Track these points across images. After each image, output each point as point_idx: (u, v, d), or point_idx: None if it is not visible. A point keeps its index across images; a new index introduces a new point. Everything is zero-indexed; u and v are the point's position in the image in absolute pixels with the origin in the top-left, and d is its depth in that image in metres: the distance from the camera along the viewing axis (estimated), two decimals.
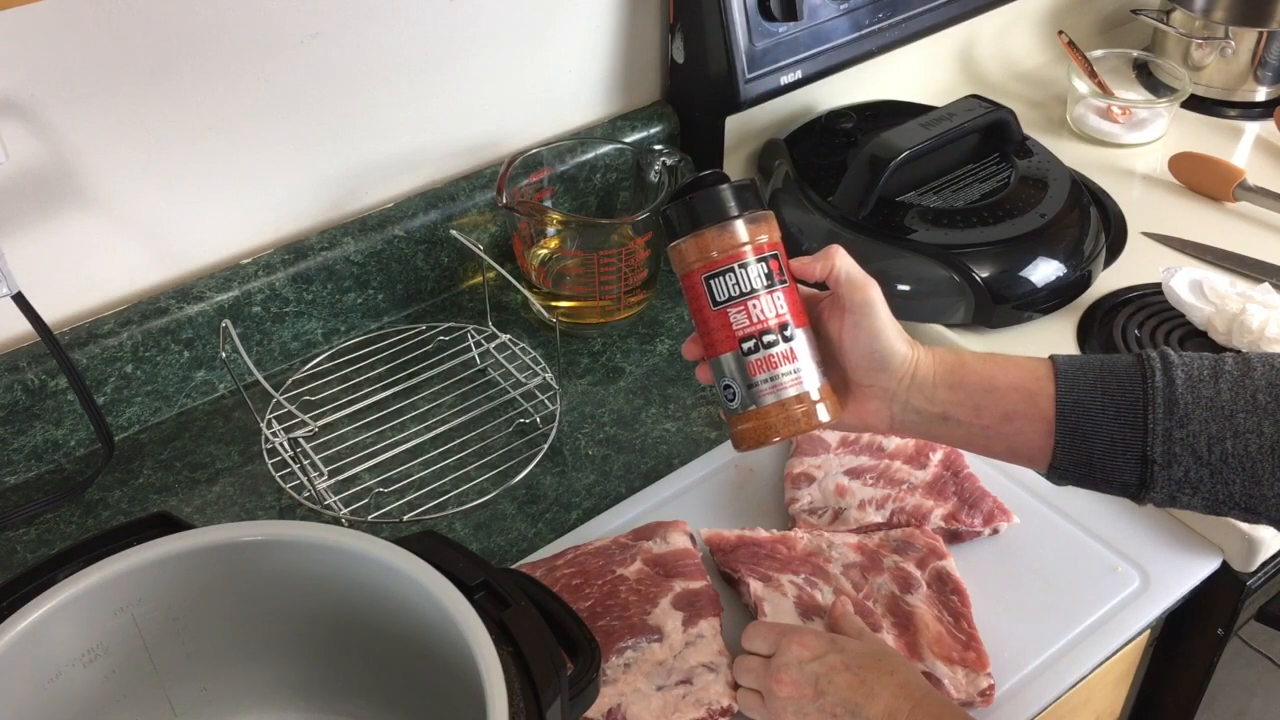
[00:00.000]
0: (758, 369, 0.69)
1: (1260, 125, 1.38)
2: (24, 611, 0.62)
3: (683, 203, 0.70)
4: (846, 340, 0.70)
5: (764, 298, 0.69)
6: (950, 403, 0.69)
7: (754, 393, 0.69)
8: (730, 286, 0.69)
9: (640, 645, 0.79)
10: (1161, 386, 0.64)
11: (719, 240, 0.69)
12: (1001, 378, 0.68)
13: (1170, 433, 0.63)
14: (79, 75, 0.88)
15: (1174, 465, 0.64)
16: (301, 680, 0.73)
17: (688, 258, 0.70)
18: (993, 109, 1.14)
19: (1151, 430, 0.64)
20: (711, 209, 0.69)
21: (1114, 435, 0.65)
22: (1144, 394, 0.64)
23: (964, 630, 0.81)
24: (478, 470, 0.95)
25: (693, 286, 0.71)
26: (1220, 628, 0.95)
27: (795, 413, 0.69)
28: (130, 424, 1.01)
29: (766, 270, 0.69)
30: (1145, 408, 0.64)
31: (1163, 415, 0.64)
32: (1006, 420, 0.68)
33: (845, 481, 0.92)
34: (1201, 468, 0.63)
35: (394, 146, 1.08)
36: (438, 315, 1.12)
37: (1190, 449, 0.63)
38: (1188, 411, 0.63)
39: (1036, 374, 0.67)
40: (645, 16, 1.18)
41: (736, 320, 0.69)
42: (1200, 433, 0.63)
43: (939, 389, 0.69)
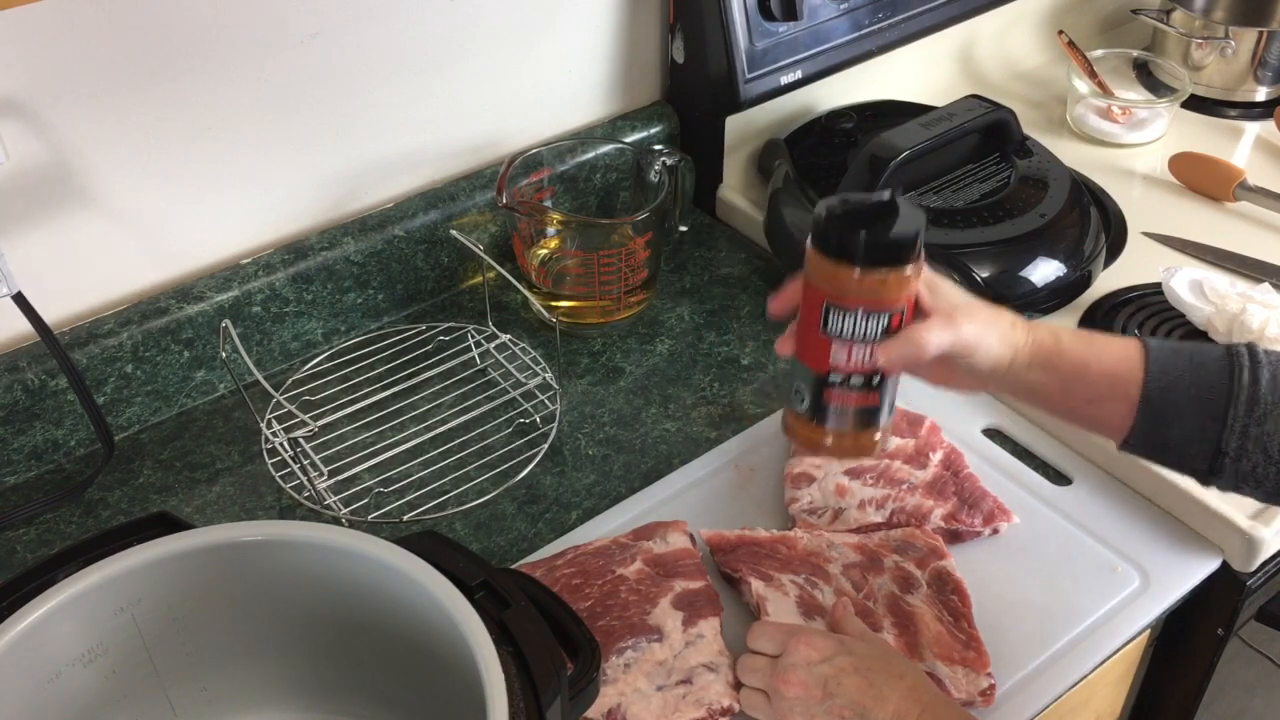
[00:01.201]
0: (833, 399, 0.70)
1: (1260, 125, 1.38)
2: (24, 611, 0.62)
3: (855, 228, 0.65)
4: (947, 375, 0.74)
5: (871, 348, 0.68)
6: (1041, 383, 0.72)
7: (821, 413, 0.71)
8: (847, 326, 0.68)
9: (640, 645, 0.79)
10: (1247, 385, 0.67)
11: (862, 284, 0.66)
12: (1094, 364, 0.71)
13: (1247, 429, 0.66)
14: (79, 75, 0.88)
15: (1244, 459, 0.67)
16: (302, 680, 0.73)
17: (823, 277, 0.67)
18: (993, 109, 1.14)
19: (1230, 426, 0.67)
20: (877, 253, 0.66)
21: (1193, 425, 0.68)
22: (1230, 390, 0.67)
23: (964, 630, 0.81)
24: (478, 470, 0.95)
25: (813, 298, 0.69)
26: (1220, 628, 0.95)
27: (849, 443, 0.71)
28: (130, 424, 1.01)
29: (887, 325, 0.68)
30: (1228, 403, 0.67)
31: (1244, 413, 0.66)
32: (1092, 402, 0.71)
33: (845, 481, 0.92)
34: (1270, 464, 0.66)
35: (394, 146, 1.08)
36: (438, 315, 1.12)
37: (1262, 446, 0.66)
38: (1266, 410, 0.66)
39: (1129, 360, 0.70)
40: (645, 16, 1.18)
41: (836, 355, 0.69)
42: (1275, 432, 0.66)
43: (1033, 370, 0.72)
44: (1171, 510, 0.91)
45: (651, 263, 1.09)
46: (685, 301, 1.14)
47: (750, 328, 1.10)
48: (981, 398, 1.01)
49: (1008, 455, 0.96)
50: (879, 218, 0.66)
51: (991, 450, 0.97)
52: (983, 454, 0.96)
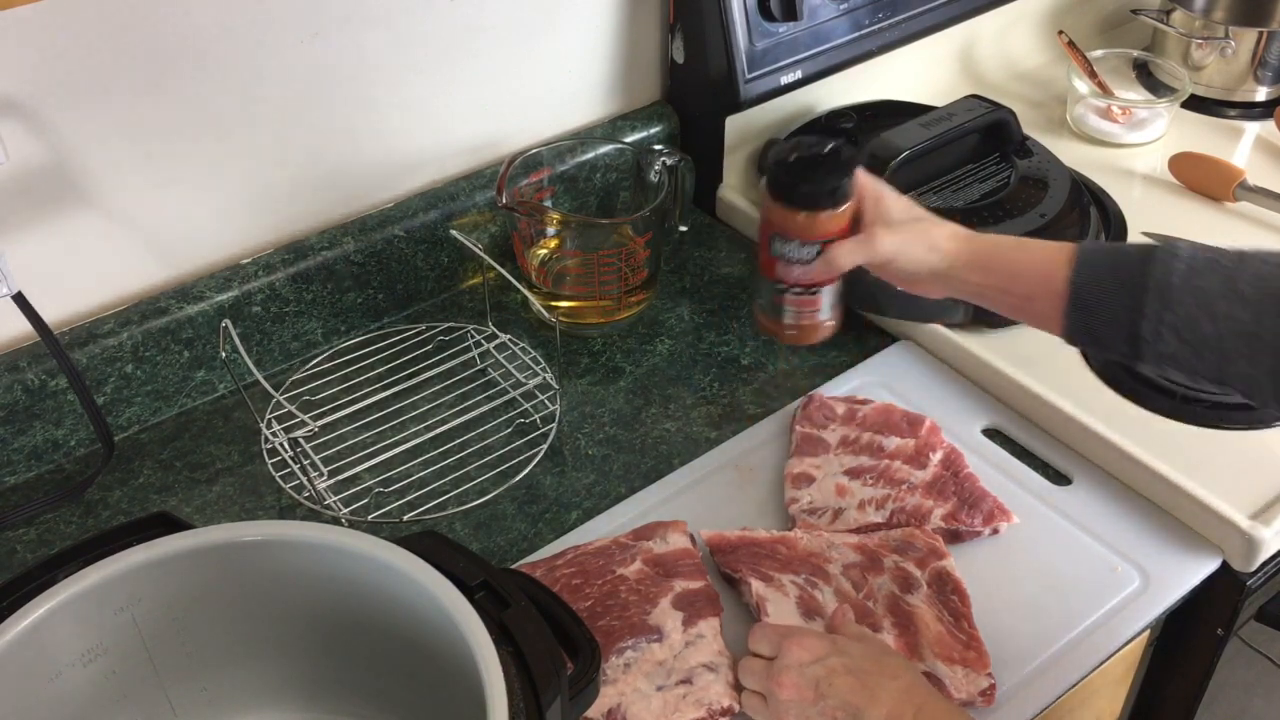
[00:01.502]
0: (785, 302, 0.88)
1: (1260, 125, 1.38)
2: (24, 611, 0.62)
3: (794, 177, 0.83)
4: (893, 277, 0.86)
5: (810, 264, 0.85)
6: (981, 283, 0.82)
7: (777, 311, 0.89)
8: (787, 250, 0.85)
9: (640, 645, 0.79)
10: (1159, 276, 0.73)
11: (798, 221, 0.83)
12: (1027, 263, 0.80)
13: (1160, 315, 0.73)
14: (79, 76, 0.88)
15: (1160, 342, 0.74)
16: (302, 680, 0.73)
17: (770, 212, 0.85)
18: (993, 109, 1.14)
19: (1144, 312, 0.74)
20: (810, 199, 0.83)
21: (1114, 314, 0.75)
22: (1144, 282, 0.74)
23: (964, 630, 0.81)
24: (478, 470, 0.95)
25: (765, 226, 0.86)
26: (1220, 628, 0.95)
27: (802, 333, 0.89)
28: (130, 424, 1.01)
29: (819, 250, 0.84)
30: (1142, 293, 0.74)
31: (1155, 300, 0.73)
32: (1030, 299, 0.79)
33: (845, 481, 0.92)
34: (1183, 347, 0.73)
35: (394, 146, 1.08)
36: (438, 315, 1.12)
37: (1174, 330, 0.73)
38: (1178, 299, 0.73)
39: (1058, 260, 0.78)
40: (645, 16, 1.18)
41: (781, 271, 0.86)
42: (1185, 317, 0.73)
43: (972, 271, 0.81)
44: (1171, 510, 0.91)
45: (651, 263, 1.09)
46: (685, 301, 1.14)
47: (750, 328, 1.10)
48: (981, 397, 1.01)
49: (1008, 455, 0.96)
50: (818, 167, 0.84)
51: (991, 450, 0.97)
52: (983, 454, 0.96)
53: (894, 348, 1.07)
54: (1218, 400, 0.98)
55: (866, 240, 0.84)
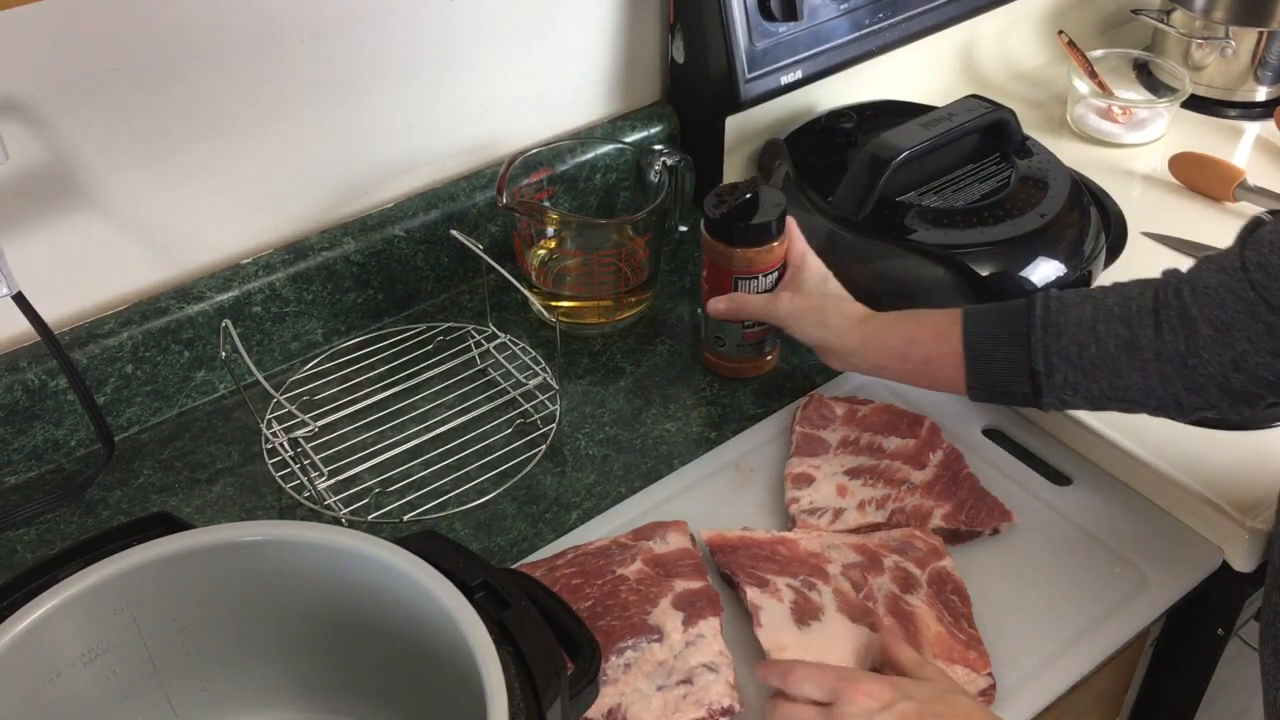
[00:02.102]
0: (750, 337, 1.01)
1: (1260, 125, 1.38)
2: (24, 611, 0.62)
3: (740, 223, 0.96)
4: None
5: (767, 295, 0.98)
6: (882, 360, 0.91)
7: (741, 349, 1.02)
8: (751, 288, 0.98)
9: (640, 645, 0.79)
10: (1040, 314, 0.82)
11: (758, 257, 0.97)
12: (920, 331, 0.88)
13: (1049, 347, 0.81)
14: (79, 75, 0.88)
15: (1054, 373, 0.81)
16: (302, 680, 0.73)
17: (729, 260, 0.98)
18: (993, 109, 1.14)
19: (1034, 347, 0.81)
20: (761, 235, 0.96)
21: (1008, 356, 0.83)
22: (1028, 321, 0.82)
23: (965, 630, 0.81)
24: (478, 470, 0.95)
25: (720, 272, 0.99)
26: (1220, 628, 0.95)
27: (762, 363, 1.04)
28: (130, 424, 1.01)
29: (777, 277, 0.99)
30: (1028, 331, 0.82)
31: (1040, 334, 0.81)
32: (927, 363, 0.88)
33: (845, 481, 0.92)
34: (1075, 371, 0.81)
35: (394, 146, 1.08)
36: (438, 315, 1.12)
37: (1065, 357, 0.81)
38: (1060, 329, 0.81)
39: (948, 321, 0.86)
40: (645, 16, 1.18)
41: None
42: (1071, 343, 0.80)
43: (871, 351, 0.91)
44: (1171, 510, 0.91)
45: (651, 263, 1.09)
46: (685, 301, 1.14)
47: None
48: None
49: (1008, 455, 0.96)
50: (745, 210, 0.96)
51: (991, 450, 0.97)
52: (983, 454, 0.96)
53: None
54: None
55: (770, 300, 0.96)
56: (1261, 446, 0.95)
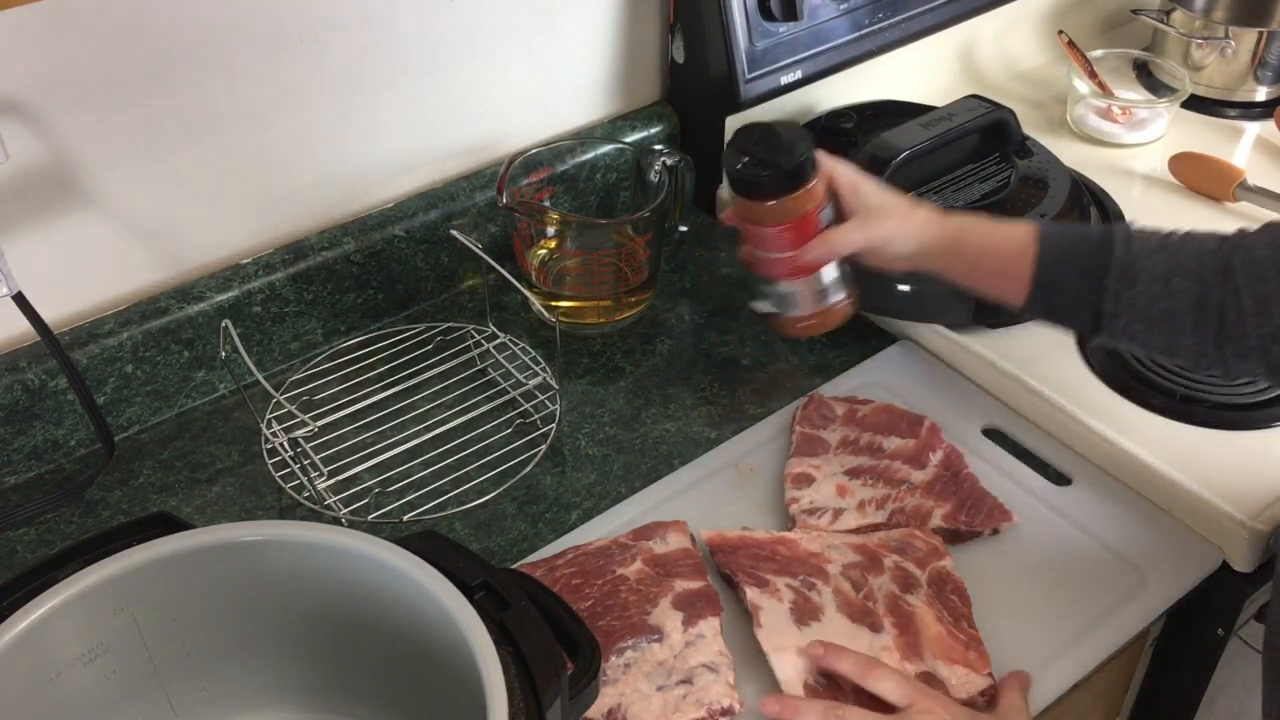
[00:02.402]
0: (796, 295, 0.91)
1: (1260, 125, 1.38)
2: (24, 611, 0.62)
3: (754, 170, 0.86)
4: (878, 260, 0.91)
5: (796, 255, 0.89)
6: (953, 264, 0.88)
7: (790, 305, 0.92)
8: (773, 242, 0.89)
9: (640, 645, 0.79)
10: (1120, 256, 0.79)
11: (807, 196, 0.87)
12: (995, 247, 0.85)
13: (1120, 294, 0.79)
14: (79, 75, 0.88)
15: (1119, 318, 0.80)
16: (301, 680, 0.73)
17: (750, 216, 0.88)
18: (993, 109, 1.14)
19: (1106, 290, 0.80)
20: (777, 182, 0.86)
21: (1077, 293, 0.81)
22: (1105, 262, 0.80)
23: (965, 630, 0.81)
24: (478, 470, 0.95)
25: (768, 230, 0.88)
26: (1220, 628, 0.95)
27: (822, 320, 0.93)
28: (130, 424, 1.01)
29: (833, 213, 0.90)
30: (1104, 274, 0.80)
31: (1115, 278, 0.79)
32: (995, 276, 0.86)
33: (845, 481, 0.92)
34: (1139, 321, 0.79)
35: (394, 147, 1.08)
36: (438, 315, 1.12)
37: (1134, 306, 0.79)
38: (1135, 276, 0.79)
39: (1024, 241, 0.83)
40: (645, 16, 1.18)
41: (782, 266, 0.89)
42: (1143, 293, 0.79)
43: (946, 255, 0.87)
44: (1171, 510, 0.91)
45: (651, 263, 1.09)
46: (685, 301, 1.14)
47: (750, 328, 1.10)
48: (981, 397, 1.01)
49: (1008, 455, 0.96)
50: (772, 152, 0.86)
51: (991, 450, 0.97)
52: (983, 454, 0.96)
53: (894, 348, 1.07)
54: (1218, 400, 0.98)
55: (863, 224, 0.88)
56: (1261, 446, 0.95)
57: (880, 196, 0.90)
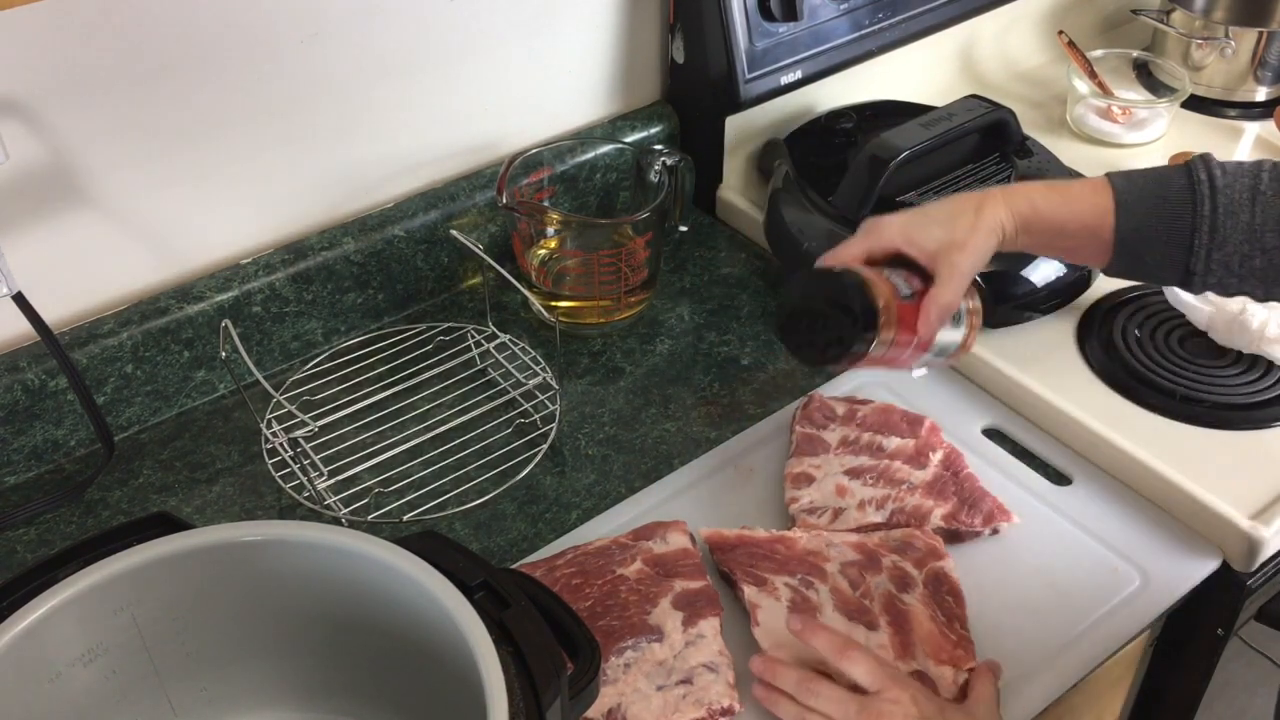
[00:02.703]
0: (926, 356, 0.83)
1: (1260, 125, 1.38)
2: (24, 611, 0.62)
3: (842, 348, 0.79)
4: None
5: (911, 349, 0.81)
6: (1026, 244, 0.81)
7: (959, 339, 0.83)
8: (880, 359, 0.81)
9: (640, 645, 0.79)
10: (1208, 214, 0.75)
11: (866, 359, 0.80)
12: (1070, 220, 0.80)
13: (1210, 253, 0.76)
14: (79, 75, 0.88)
15: (1209, 275, 0.77)
16: (301, 680, 0.73)
17: (880, 345, 0.79)
18: (993, 109, 1.14)
19: (1195, 252, 0.76)
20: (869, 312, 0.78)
21: (1164, 254, 0.77)
22: (1193, 221, 0.76)
23: (956, 631, 0.81)
24: (478, 470, 0.95)
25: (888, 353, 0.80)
26: (1220, 628, 0.95)
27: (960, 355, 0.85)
28: (130, 424, 1.01)
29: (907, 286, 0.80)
30: (1193, 233, 0.76)
31: (1206, 239, 0.75)
32: (1073, 251, 0.82)
33: (845, 481, 0.92)
34: (1230, 277, 0.76)
35: (394, 146, 1.08)
36: (438, 315, 1.12)
37: (1224, 264, 0.76)
38: (1226, 235, 0.75)
39: (1100, 209, 0.78)
40: (645, 16, 1.18)
41: (894, 359, 0.81)
42: (1234, 252, 0.75)
43: (1019, 238, 0.81)
44: (1171, 510, 0.91)
45: (651, 263, 1.09)
46: (685, 301, 1.14)
47: (750, 328, 1.10)
48: (981, 397, 1.01)
49: (1008, 455, 0.96)
50: (831, 326, 0.79)
51: (991, 450, 0.97)
52: (983, 454, 0.96)
53: None
54: (1218, 400, 0.98)
55: (946, 276, 0.79)
56: (1261, 446, 0.95)
57: (931, 231, 0.80)
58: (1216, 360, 1.02)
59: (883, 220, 0.83)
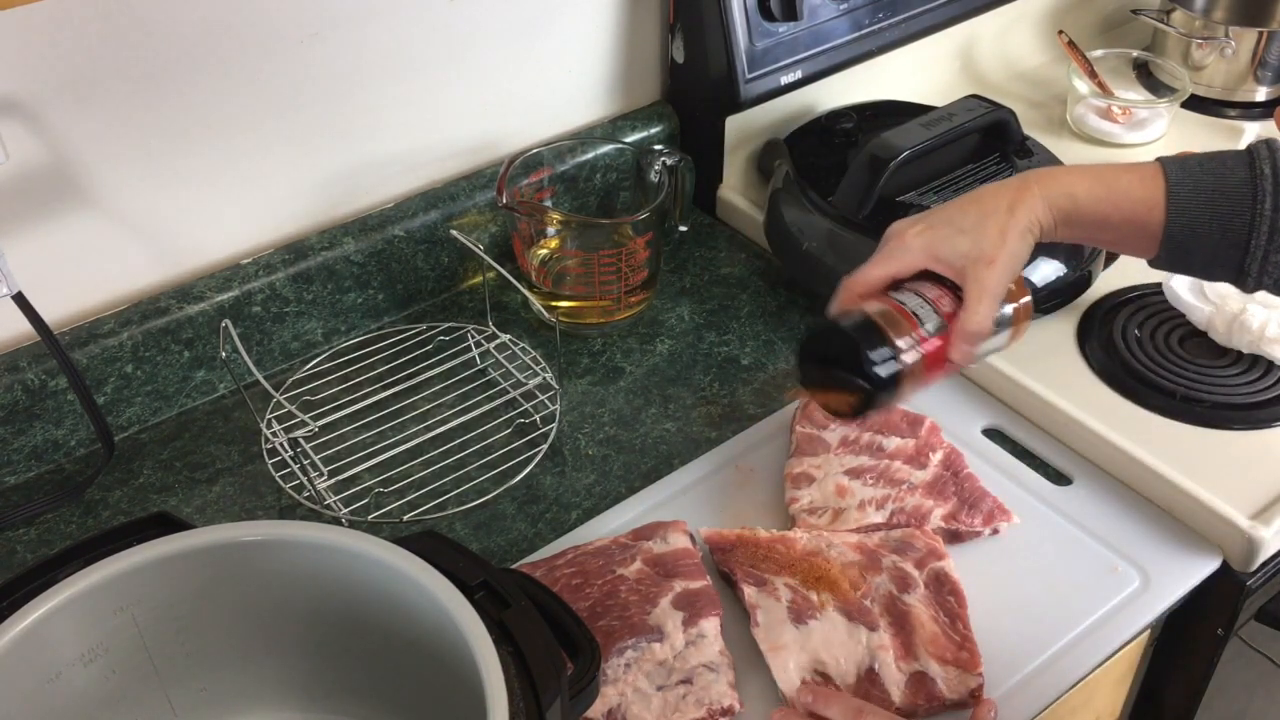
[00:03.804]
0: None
1: (1260, 125, 1.37)
2: (24, 611, 0.62)
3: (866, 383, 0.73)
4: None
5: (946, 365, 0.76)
6: (1066, 237, 0.77)
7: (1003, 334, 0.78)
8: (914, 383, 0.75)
9: (640, 645, 0.79)
10: (1269, 213, 0.70)
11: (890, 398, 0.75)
12: (1115, 213, 0.74)
13: (1268, 255, 0.71)
14: (79, 75, 0.88)
15: (1265, 275, 0.72)
16: (301, 680, 0.73)
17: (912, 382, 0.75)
18: (993, 109, 1.14)
19: (1252, 252, 0.71)
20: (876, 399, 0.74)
21: (1216, 252, 0.72)
22: (1251, 219, 0.71)
23: (959, 631, 0.81)
24: (478, 470, 0.95)
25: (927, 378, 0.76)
26: (1220, 628, 0.95)
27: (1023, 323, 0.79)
28: (130, 424, 1.01)
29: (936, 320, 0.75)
30: (1250, 232, 0.71)
31: (1264, 239, 0.70)
32: (1116, 244, 0.77)
33: (845, 481, 0.92)
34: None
35: (394, 146, 1.08)
36: (438, 315, 1.12)
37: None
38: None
39: (1149, 203, 0.73)
40: (645, 16, 1.18)
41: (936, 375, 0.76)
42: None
43: (1059, 231, 0.76)
44: (1171, 510, 0.91)
45: (651, 263, 1.09)
46: (685, 301, 1.14)
47: (750, 328, 1.10)
48: (981, 397, 1.01)
49: (1008, 455, 0.96)
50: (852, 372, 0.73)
51: (991, 450, 0.97)
52: (983, 454, 0.96)
53: None
54: (1218, 400, 0.98)
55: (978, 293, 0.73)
56: (1261, 446, 0.95)
57: (956, 244, 0.74)
58: (1216, 360, 1.02)
59: (906, 237, 0.77)
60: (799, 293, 1.13)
